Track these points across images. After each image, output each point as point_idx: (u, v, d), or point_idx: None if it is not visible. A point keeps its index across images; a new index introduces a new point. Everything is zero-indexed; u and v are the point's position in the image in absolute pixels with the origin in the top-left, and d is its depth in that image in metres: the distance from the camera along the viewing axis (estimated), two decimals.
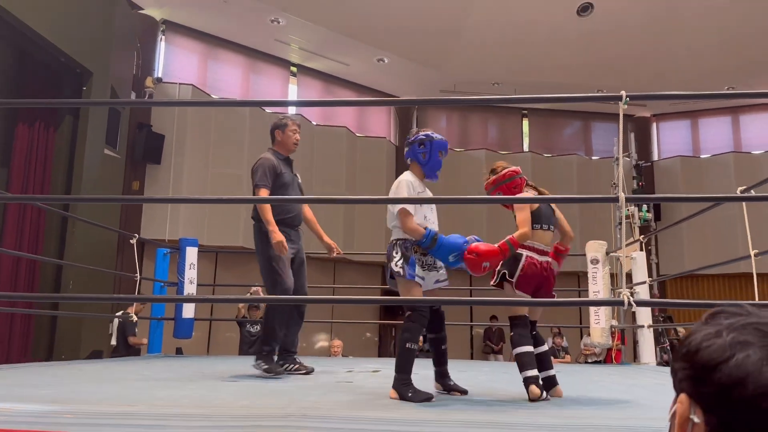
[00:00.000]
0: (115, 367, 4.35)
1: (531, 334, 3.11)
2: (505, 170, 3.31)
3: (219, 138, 10.44)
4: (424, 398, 2.72)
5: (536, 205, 3.26)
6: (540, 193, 3.45)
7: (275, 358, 3.88)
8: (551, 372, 3.12)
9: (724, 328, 0.67)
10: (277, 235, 3.72)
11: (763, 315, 0.68)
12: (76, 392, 2.74)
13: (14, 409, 2.04)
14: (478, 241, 3.07)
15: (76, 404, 2.24)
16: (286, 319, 3.95)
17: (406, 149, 3.23)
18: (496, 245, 3.05)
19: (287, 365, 3.98)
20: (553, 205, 3.44)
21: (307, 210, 4.29)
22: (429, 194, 3.27)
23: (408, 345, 2.90)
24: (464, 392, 3.13)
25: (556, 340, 10.80)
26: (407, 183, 3.13)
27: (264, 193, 3.84)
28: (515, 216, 3.22)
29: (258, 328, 7.34)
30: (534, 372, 2.94)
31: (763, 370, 0.61)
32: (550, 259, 3.25)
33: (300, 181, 4.23)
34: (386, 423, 1.99)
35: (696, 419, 0.65)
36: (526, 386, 2.89)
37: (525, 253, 3.17)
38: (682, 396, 0.68)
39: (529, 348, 3.03)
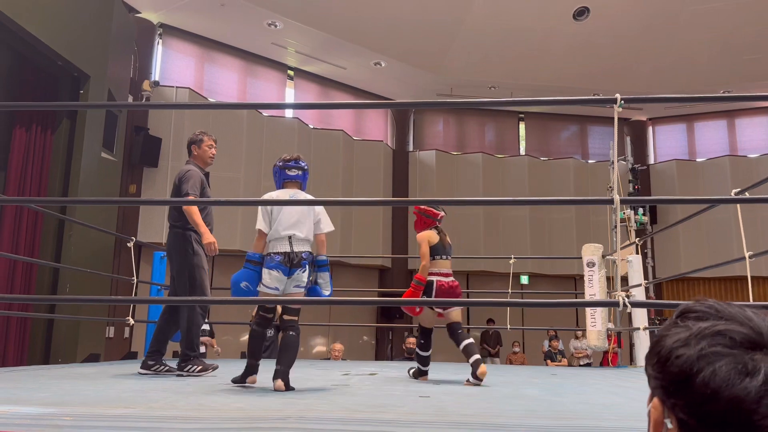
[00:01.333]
0: (111, 371, 4.35)
1: (458, 332, 3.98)
2: (431, 208, 4.21)
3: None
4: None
5: (435, 241, 4.13)
6: (443, 235, 4.24)
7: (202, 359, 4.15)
8: (477, 355, 3.90)
9: (693, 336, 0.66)
10: (209, 236, 3.97)
11: (733, 316, 0.67)
12: (74, 395, 2.74)
13: (12, 411, 2.04)
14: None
15: (74, 407, 2.24)
16: (201, 323, 4.22)
17: (298, 172, 3.55)
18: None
19: (158, 366, 4.13)
20: (450, 243, 4.31)
21: None
22: None
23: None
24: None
25: (552, 343, 10.82)
26: None
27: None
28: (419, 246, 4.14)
29: (272, 332, 7.36)
30: (427, 368, 4.17)
31: (731, 384, 0.61)
32: (452, 278, 4.16)
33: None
34: (382, 424, 2.00)
35: (669, 425, 0.66)
36: (419, 375, 4.11)
37: (435, 278, 4.05)
38: (656, 401, 0.68)
39: (429, 353, 4.17)
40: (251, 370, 3.38)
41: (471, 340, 3.91)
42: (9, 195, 6.27)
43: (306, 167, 3.57)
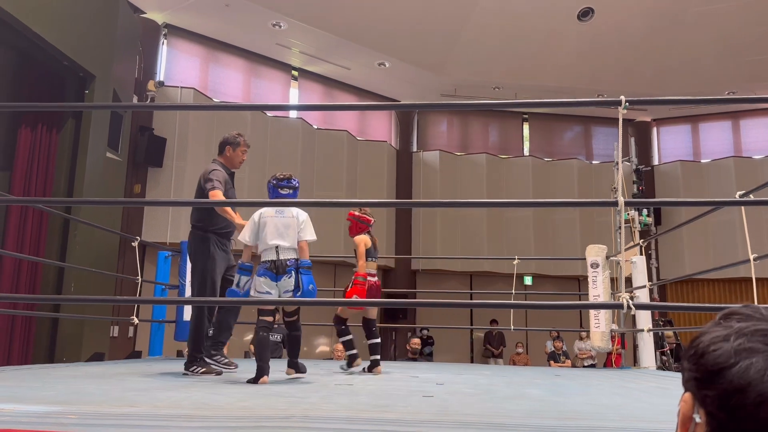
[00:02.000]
0: (116, 369, 4.36)
1: (372, 329, 4.69)
2: (365, 215, 4.70)
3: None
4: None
5: (369, 245, 4.67)
6: (374, 240, 4.80)
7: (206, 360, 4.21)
8: (378, 356, 4.67)
9: (733, 333, 0.66)
10: (240, 219, 4.06)
11: None
12: (79, 393, 2.75)
13: (18, 409, 2.06)
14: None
15: (79, 405, 2.25)
16: (207, 325, 4.27)
17: (289, 191, 3.90)
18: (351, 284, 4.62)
19: (218, 357, 4.24)
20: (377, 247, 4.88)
21: None
22: None
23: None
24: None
25: (555, 344, 10.80)
26: None
27: (221, 194, 4.13)
28: (355, 250, 4.68)
29: (278, 337, 7.36)
30: (355, 350, 4.63)
31: (765, 379, 0.61)
32: (377, 278, 4.84)
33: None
34: (386, 423, 2.01)
35: (698, 419, 0.66)
36: (353, 360, 4.60)
37: (368, 279, 4.61)
38: (687, 395, 0.69)
39: (351, 336, 4.68)
40: (263, 371, 3.61)
41: (378, 340, 4.75)
42: (15, 194, 6.29)
43: (297, 185, 3.94)
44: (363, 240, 4.67)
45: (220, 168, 4.26)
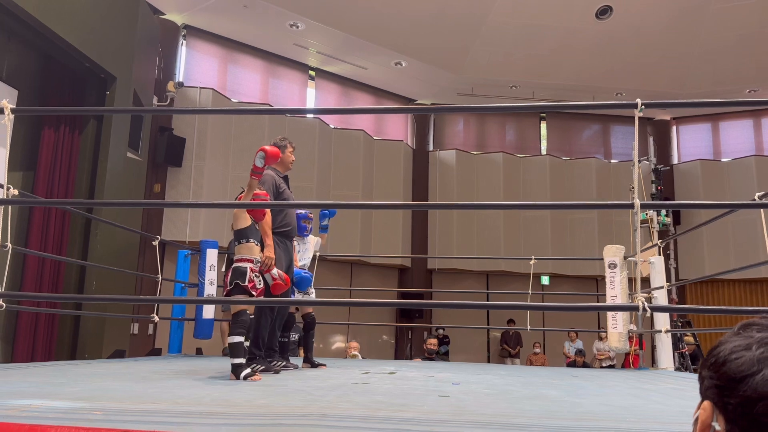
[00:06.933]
0: (137, 367, 4.44)
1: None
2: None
3: (239, 141, 10.58)
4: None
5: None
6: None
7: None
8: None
9: (755, 342, 0.67)
10: (271, 250, 4.01)
11: None
12: (102, 390, 2.81)
13: (45, 405, 2.12)
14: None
15: (103, 401, 2.31)
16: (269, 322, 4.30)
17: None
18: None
19: (274, 362, 4.34)
20: None
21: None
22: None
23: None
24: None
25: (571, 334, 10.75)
26: None
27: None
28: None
29: (296, 336, 7.41)
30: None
31: None
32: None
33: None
34: (402, 422, 2.04)
35: (717, 427, 0.67)
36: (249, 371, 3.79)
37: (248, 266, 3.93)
38: (706, 403, 0.69)
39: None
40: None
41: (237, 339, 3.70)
42: (38, 194, 6.42)
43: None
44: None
45: (271, 173, 4.46)
